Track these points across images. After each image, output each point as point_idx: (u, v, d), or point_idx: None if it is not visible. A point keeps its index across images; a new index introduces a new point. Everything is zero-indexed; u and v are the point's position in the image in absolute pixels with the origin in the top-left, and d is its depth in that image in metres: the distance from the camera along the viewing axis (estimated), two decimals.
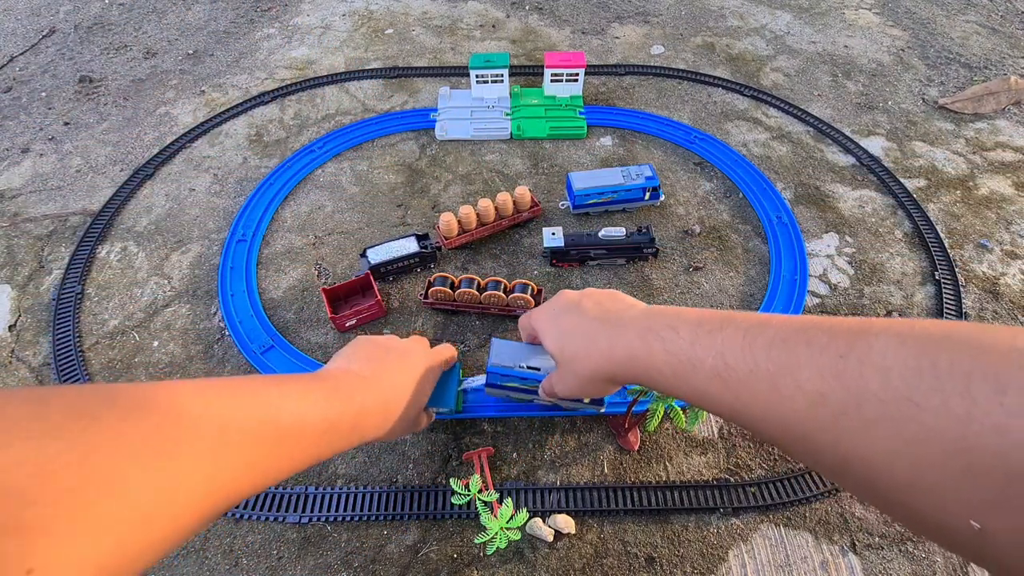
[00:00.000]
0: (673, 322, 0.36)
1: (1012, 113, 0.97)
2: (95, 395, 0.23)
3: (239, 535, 0.54)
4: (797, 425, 0.27)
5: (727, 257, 0.76)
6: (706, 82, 1.03)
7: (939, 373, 0.21)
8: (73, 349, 0.68)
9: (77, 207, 0.85)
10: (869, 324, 0.26)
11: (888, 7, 1.22)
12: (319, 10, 1.26)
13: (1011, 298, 0.71)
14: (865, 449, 0.23)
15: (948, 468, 0.20)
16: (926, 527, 0.23)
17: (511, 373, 0.52)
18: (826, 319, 0.28)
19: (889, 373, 0.23)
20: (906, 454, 0.22)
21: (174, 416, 0.25)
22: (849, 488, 0.28)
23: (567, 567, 0.51)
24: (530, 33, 1.17)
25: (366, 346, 0.47)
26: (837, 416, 0.24)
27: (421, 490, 0.56)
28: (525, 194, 0.76)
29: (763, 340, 0.30)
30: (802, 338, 0.28)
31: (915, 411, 0.21)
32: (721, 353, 0.31)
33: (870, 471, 0.24)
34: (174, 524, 0.24)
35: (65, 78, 1.10)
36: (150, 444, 0.23)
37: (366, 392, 0.41)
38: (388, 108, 1.00)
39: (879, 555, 0.52)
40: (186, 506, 0.25)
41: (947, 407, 0.20)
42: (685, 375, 0.34)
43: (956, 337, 0.22)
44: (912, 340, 0.23)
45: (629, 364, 0.39)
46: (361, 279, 0.69)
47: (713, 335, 0.33)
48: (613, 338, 0.40)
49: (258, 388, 0.32)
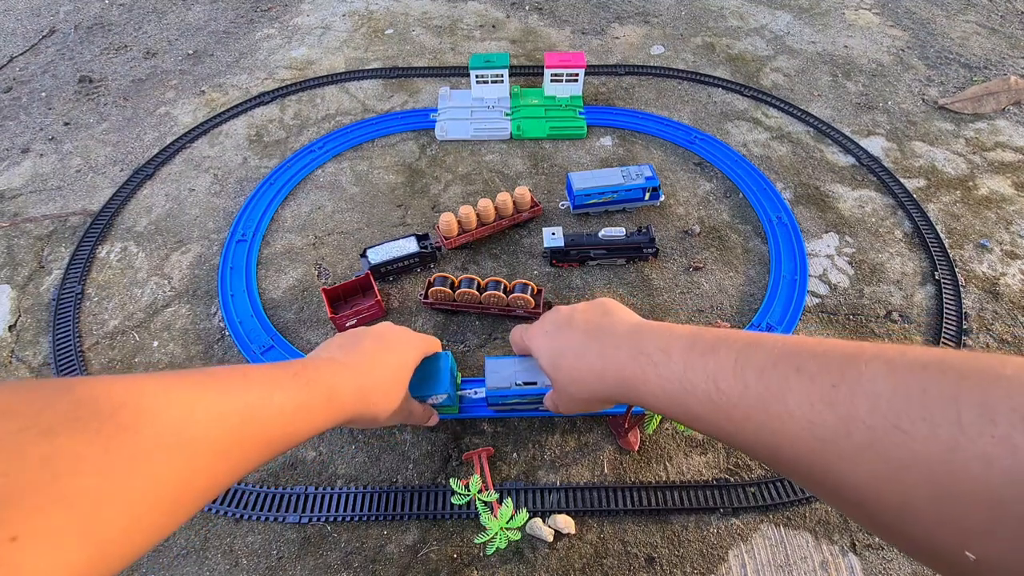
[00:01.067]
0: (665, 344, 0.36)
1: (1012, 113, 0.97)
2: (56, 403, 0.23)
3: (239, 535, 0.54)
4: (788, 451, 0.27)
5: (727, 257, 0.76)
6: (706, 82, 1.03)
7: (928, 400, 0.21)
8: (73, 349, 0.68)
9: (77, 207, 0.85)
10: (860, 350, 0.26)
11: (888, 7, 1.22)
12: (319, 10, 1.26)
13: (1011, 298, 0.71)
14: (854, 476, 0.24)
15: (935, 495, 0.20)
16: (920, 553, 0.23)
17: (508, 393, 0.54)
18: (817, 343, 0.28)
19: (878, 399, 0.23)
20: (894, 480, 0.22)
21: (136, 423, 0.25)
22: (845, 512, 0.28)
23: (567, 567, 0.51)
24: (530, 33, 1.17)
25: (342, 335, 0.48)
26: (826, 443, 0.25)
27: (421, 490, 0.56)
28: (525, 194, 0.76)
29: (754, 364, 0.30)
30: (792, 364, 0.28)
31: (903, 438, 0.22)
32: (713, 377, 0.31)
33: (860, 497, 0.24)
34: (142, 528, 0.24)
35: (65, 78, 1.10)
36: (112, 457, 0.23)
37: (336, 374, 0.41)
38: (388, 108, 1.00)
39: (879, 555, 0.52)
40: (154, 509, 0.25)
41: (935, 434, 0.21)
42: (679, 400, 0.34)
43: (946, 364, 0.22)
44: (902, 367, 0.23)
45: (622, 386, 0.38)
46: (361, 279, 0.69)
47: (706, 358, 0.32)
48: (605, 358, 0.40)
49: (223, 380, 0.32)
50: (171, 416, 0.27)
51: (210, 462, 0.28)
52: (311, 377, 0.38)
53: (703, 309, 0.70)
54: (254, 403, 0.33)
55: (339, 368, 0.42)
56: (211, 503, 0.56)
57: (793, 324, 0.68)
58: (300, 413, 0.36)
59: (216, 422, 0.29)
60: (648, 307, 0.71)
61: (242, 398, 0.32)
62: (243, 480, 0.57)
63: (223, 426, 0.30)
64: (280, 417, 0.34)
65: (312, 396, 0.38)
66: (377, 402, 0.44)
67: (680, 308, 0.70)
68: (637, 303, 0.71)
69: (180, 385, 0.29)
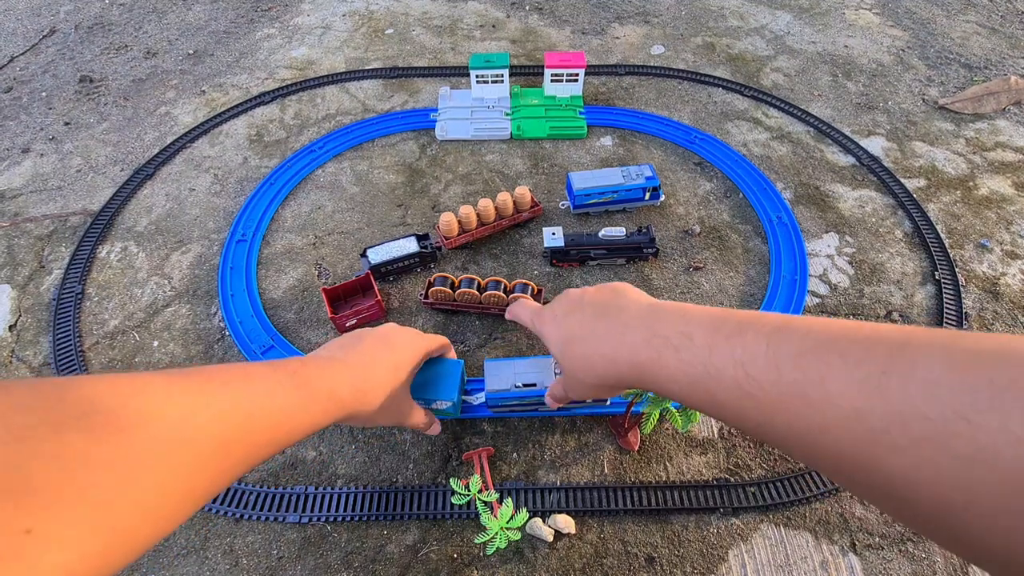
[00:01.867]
0: (686, 326, 0.33)
1: (1012, 113, 0.97)
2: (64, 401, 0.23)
3: (239, 535, 0.54)
4: (830, 442, 0.25)
5: (727, 257, 0.76)
6: (706, 82, 1.03)
7: (997, 390, 0.20)
8: (73, 349, 0.68)
9: (77, 207, 0.85)
10: (909, 335, 0.24)
11: (888, 7, 1.22)
12: (319, 10, 1.26)
13: (1011, 298, 0.71)
14: (910, 469, 0.22)
15: (1005, 492, 0.19)
16: (974, 551, 0.22)
17: (508, 395, 0.54)
18: (857, 327, 0.26)
19: (938, 389, 0.21)
20: (957, 476, 0.20)
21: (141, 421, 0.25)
22: (885, 509, 0.26)
23: (567, 567, 0.51)
24: (530, 33, 1.17)
25: (346, 335, 0.49)
26: (878, 434, 0.23)
27: (421, 490, 0.56)
28: (525, 194, 0.76)
29: (788, 349, 0.27)
30: (835, 349, 0.26)
31: (970, 430, 0.20)
32: (742, 362, 0.29)
33: (914, 493, 0.22)
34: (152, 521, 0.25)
35: (65, 78, 1.10)
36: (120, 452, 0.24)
37: (335, 373, 0.42)
38: (388, 108, 1.00)
39: (879, 555, 0.52)
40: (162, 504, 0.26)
41: (1006, 427, 0.19)
42: (703, 386, 0.31)
43: (1013, 353, 0.21)
44: (962, 354, 0.22)
45: (635, 370, 0.36)
46: (361, 279, 0.69)
47: (732, 341, 0.30)
48: (616, 341, 0.38)
49: (225, 379, 0.32)
50: (174, 414, 0.27)
51: (213, 459, 0.29)
52: (310, 375, 0.39)
53: None
54: (256, 401, 0.33)
55: (338, 366, 0.43)
56: (212, 502, 0.56)
57: None
58: (300, 411, 0.37)
59: (218, 420, 0.30)
60: None
61: (244, 397, 0.32)
62: (243, 480, 0.57)
63: (225, 424, 0.30)
64: (280, 414, 0.35)
65: (311, 394, 0.38)
66: (374, 401, 0.44)
67: None
68: None
69: (183, 384, 0.29)
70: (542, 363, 0.56)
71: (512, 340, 0.68)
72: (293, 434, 0.36)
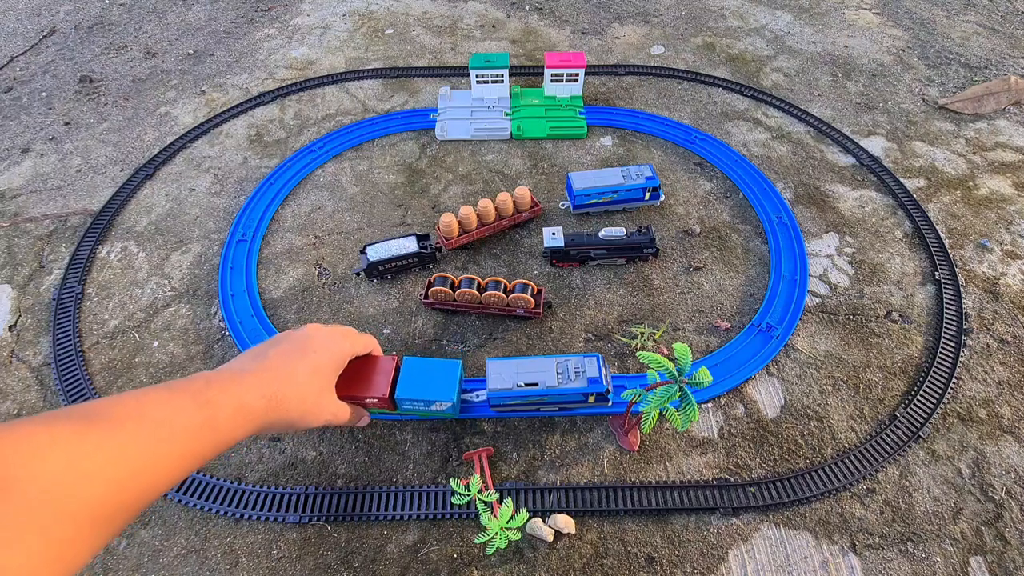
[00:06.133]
0: None
1: (1012, 113, 0.97)
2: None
3: (239, 535, 0.54)
4: None
5: (727, 257, 0.76)
6: (706, 82, 1.03)
7: None
8: (73, 349, 0.68)
9: (77, 207, 0.85)
10: None
11: (888, 7, 1.22)
12: (319, 10, 1.26)
13: (1011, 298, 0.71)
14: None
15: None
16: None
17: (510, 395, 0.54)
18: None
19: None
20: None
21: (9, 491, 0.25)
22: None
23: (567, 567, 0.51)
24: (530, 33, 1.17)
25: (260, 344, 0.49)
26: None
27: (421, 490, 0.56)
28: (525, 194, 0.76)
29: None
30: None
31: None
32: None
33: None
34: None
35: (65, 78, 1.10)
36: None
37: (242, 386, 0.41)
38: (388, 108, 1.00)
39: (879, 555, 0.52)
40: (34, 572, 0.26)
41: None
42: None
43: None
44: None
45: None
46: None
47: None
48: None
49: (117, 421, 0.32)
50: (54, 470, 0.27)
51: (101, 507, 0.29)
52: (212, 395, 0.39)
53: (703, 309, 0.70)
54: (150, 436, 0.33)
55: (247, 378, 0.43)
56: (212, 502, 0.55)
57: (793, 324, 0.68)
58: (206, 430, 0.37)
59: (103, 471, 0.30)
60: (648, 307, 0.70)
61: (136, 436, 0.33)
62: (243, 480, 0.57)
63: (115, 469, 0.30)
64: (184, 438, 0.35)
65: (216, 412, 0.38)
66: (292, 407, 0.44)
67: (680, 308, 0.70)
68: (637, 303, 0.71)
69: (67, 434, 0.29)
70: (544, 363, 0.56)
71: (512, 340, 0.68)
72: (203, 454, 0.37)
